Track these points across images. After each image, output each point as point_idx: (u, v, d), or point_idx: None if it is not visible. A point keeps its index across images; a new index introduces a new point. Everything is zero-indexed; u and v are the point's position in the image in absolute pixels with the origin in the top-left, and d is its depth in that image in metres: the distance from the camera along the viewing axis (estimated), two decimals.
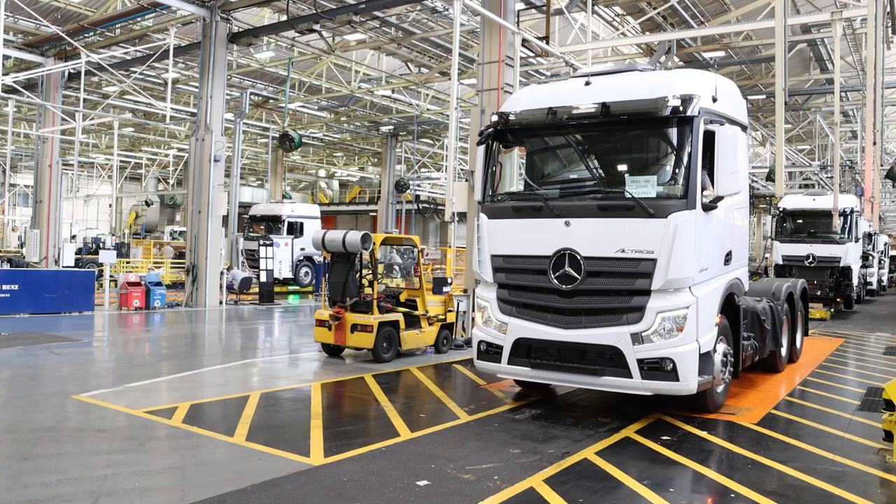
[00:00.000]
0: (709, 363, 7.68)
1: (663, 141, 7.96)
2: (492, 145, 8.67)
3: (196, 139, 20.67)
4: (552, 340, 7.90)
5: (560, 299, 7.85)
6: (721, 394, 8.35)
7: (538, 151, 9.05)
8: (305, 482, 5.69)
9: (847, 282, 21.58)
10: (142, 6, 20.80)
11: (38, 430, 7.14)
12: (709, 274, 7.81)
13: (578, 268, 7.69)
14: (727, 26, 21.36)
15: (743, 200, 9.10)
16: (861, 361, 12.95)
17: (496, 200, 8.62)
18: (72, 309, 17.54)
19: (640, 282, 7.45)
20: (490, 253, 8.43)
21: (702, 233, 7.59)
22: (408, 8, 21.21)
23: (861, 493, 5.65)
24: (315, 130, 41.21)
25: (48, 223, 25.82)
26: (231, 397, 8.89)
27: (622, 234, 7.52)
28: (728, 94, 8.67)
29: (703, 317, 7.57)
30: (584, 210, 7.81)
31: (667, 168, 7.81)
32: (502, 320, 8.27)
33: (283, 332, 16.59)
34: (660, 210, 7.38)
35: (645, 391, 7.59)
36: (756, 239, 57.06)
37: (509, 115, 8.52)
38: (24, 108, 34.70)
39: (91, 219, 55.58)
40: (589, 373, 7.75)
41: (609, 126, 8.04)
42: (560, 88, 8.98)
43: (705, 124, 7.66)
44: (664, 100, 7.52)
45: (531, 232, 8.12)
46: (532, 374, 8.20)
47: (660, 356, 7.38)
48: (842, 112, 29.98)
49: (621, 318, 7.55)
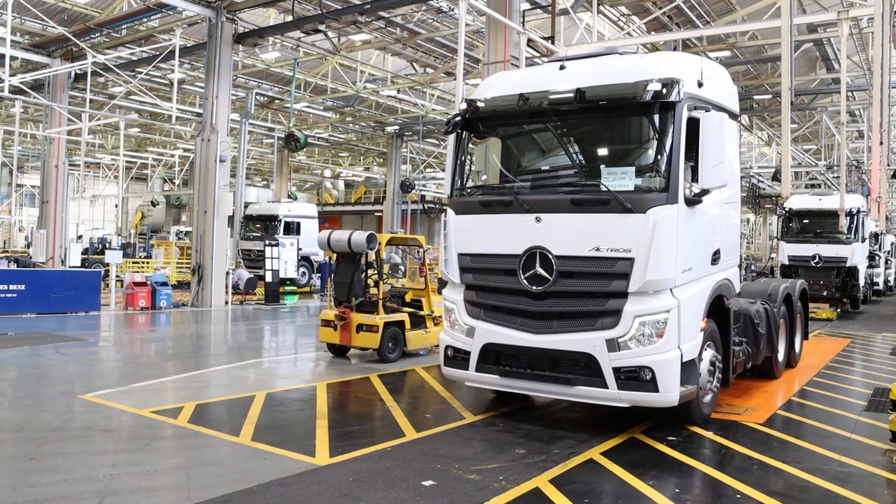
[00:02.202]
0: (693, 372, 7.14)
1: (643, 129, 7.42)
2: (461, 135, 8.13)
3: (202, 139, 20.70)
4: (522, 346, 7.35)
5: (530, 302, 7.33)
6: (708, 404, 7.79)
7: (509, 141, 8.40)
8: (311, 482, 5.69)
9: (853, 282, 21.50)
10: (148, 7, 20.86)
11: (44, 429, 7.17)
12: (693, 274, 7.24)
13: (550, 268, 7.15)
14: (733, 26, 21.32)
15: (733, 195, 8.56)
16: (867, 362, 12.90)
17: (464, 195, 8.09)
18: (78, 309, 17.58)
19: (616, 283, 6.92)
20: (457, 251, 7.90)
21: (684, 229, 7.03)
22: (413, 8, 21.22)
23: (868, 493, 5.63)
24: (320, 130, 41.24)
25: (54, 223, 25.89)
26: (236, 397, 8.91)
27: (597, 230, 6.98)
28: (716, 79, 8.06)
29: (687, 321, 7.02)
30: (556, 205, 7.27)
31: (646, 159, 7.27)
32: (470, 324, 7.74)
33: (288, 333, 16.60)
34: (638, 204, 6.83)
35: (622, 403, 7.03)
36: (762, 239, 56.95)
37: (478, 102, 7.91)
38: (30, 109, 34.81)
39: (97, 219, 55.75)
40: (561, 382, 7.20)
41: (584, 113, 7.44)
42: (533, 74, 8.52)
43: (689, 111, 7.08)
44: (643, 84, 6.91)
45: (500, 229, 7.58)
46: (501, 382, 7.65)
47: (638, 364, 6.84)
48: (848, 112, 29.82)
49: (596, 323, 7.01)
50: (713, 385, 7.77)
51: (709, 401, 7.77)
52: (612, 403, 7.08)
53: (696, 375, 7.24)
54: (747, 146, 39.44)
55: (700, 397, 7.49)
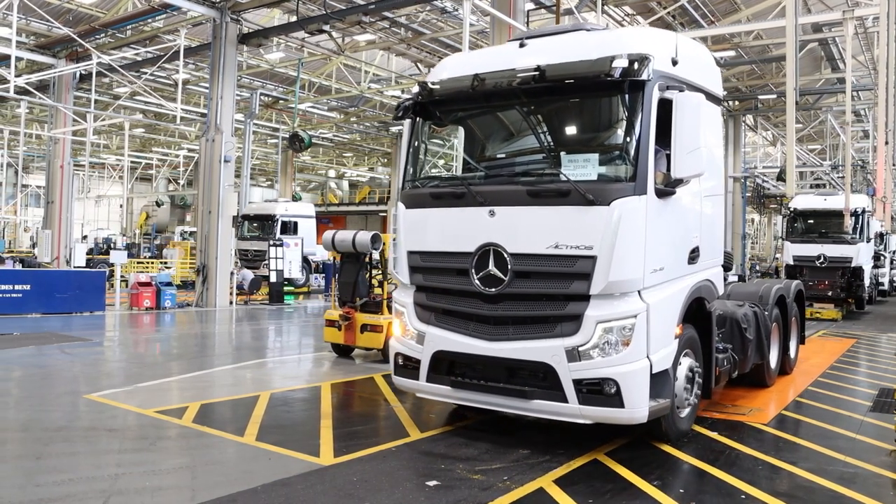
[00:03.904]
0: (665, 384, 6.45)
1: (609, 111, 6.74)
2: (416, 122, 7.45)
3: (206, 140, 20.75)
4: (476, 355, 6.65)
5: (484, 305, 6.62)
6: (686, 419, 7.11)
7: (464, 127, 7.70)
8: (315, 482, 5.70)
9: (858, 282, 21.45)
10: (152, 7, 20.93)
11: (49, 429, 7.19)
12: (665, 275, 6.52)
13: (505, 267, 6.45)
14: (737, 26, 21.32)
15: (715, 187, 7.73)
16: (872, 362, 12.87)
17: (415, 186, 7.38)
18: (83, 309, 17.62)
19: (576, 284, 6.20)
20: (406, 249, 7.22)
21: (655, 224, 6.30)
22: (417, 8, 21.24)
23: (873, 494, 5.62)
24: (325, 131, 41.31)
25: (60, 223, 25.97)
26: (241, 397, 8.92)
27: (556, 225, 6.27)
28: (694, 58, 7.30)
29: (658, 327, 6.31)
30: (511, 197, 6.53)
31: (612, 145, 6.62)
32: (420, 329, 7.04)
33: (292, 333, 16.62)
34: (601, 195, 6.11)
35: (583, 419, 6.32)
36: (767, 239, 56.86)
37: (431, 84, 7.22)
38: (35, 110, 34.93)
39: (102, 219, 55.90)
40: (517, 395, 6.50)
41: (544, 94, 6.73)
42: (491, 53, 7.92)
43: (661, 91, 6.35)
44: (608, 60, 6.17)
45: (452, 224, 6.88)
46: (453, 394, 6.94)
47: (600, 376, 6.13)
48: (853, 111, 29.83)
49: (555, 329, 6.30)
50: (691, 398, 7.10)
51: (687, 415, 7.12)
52: (572, 420, 6.40)
53: (670, 388, 6.56)
54: (752, 146, 39.38)
55: (675, 412, 6.85)
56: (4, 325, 14.64)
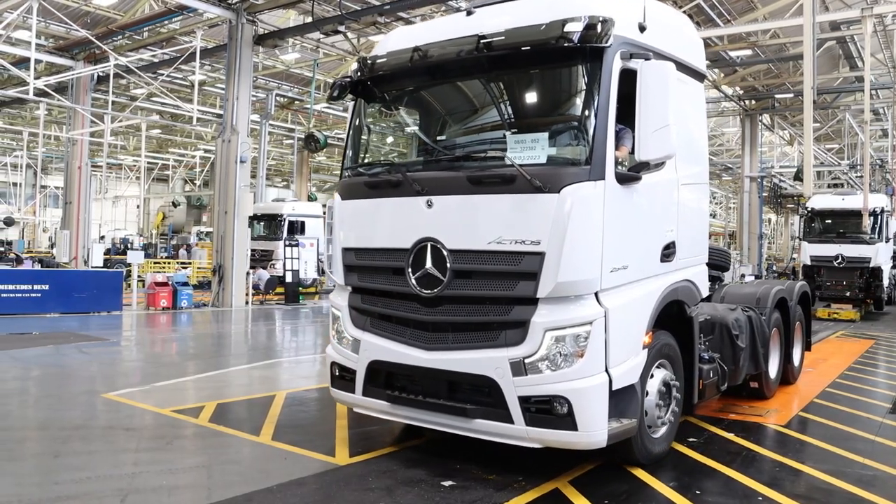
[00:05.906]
0: (630, 402, 5.60)
1: (562, 84, 5.96)
2: (357, 103, 6.71)
3: (222, 140, 20.86)
4: (413, 366, 5.86)
5: (422, 309, 5.83)
6: (662, 440, 6.20)
7: (406, 106, 6.95)
8: (331, 482, 5.71)
9: (877, 283, 21.28)
10: (169, 9, 21.07)
11: (67, 427, 7.25)
12: (630, 274, 5.68)
13: (443, 266, 5.64)
14: (754, 24, 21.18)
15: (698, 173, 6.91)
16: (892, 363, 12.75)
17: (352, 175, 6.63)
18: (100, 309, 17.78)
19: (522, 285, 5.37)
20: (341, 245, 6.48)
21: (615, 214, 5.46)
22: (432, 8, 21.23)
23: (893, 497, 5.55)
24: (340, 131, 41.38)
25: (77, 224, 26.18)
26: (257, 397, 8.96)
27: (500, 216, 5.46)
28: (667, 25, 6.49)
29: (620, 336, 5.47)
30: (450, 184, 5.71)
31: (564, 124, 5.79)
32: (355, 336, 6.29)
33: (308, 333, 16.68)
34: (550, 181, 5.25)
35: (531, 443, 5.47)
36: (784, 239, 56.43)
37: (368, 59, 6.43)
38: (54, 111, 35.26)
39: (119, 220, 56.30)
40: (458, 413, 5.68)
41: (490, 67, 5.90)
42: (436, 24, 7.16)
43: (623, 59, 5.51)
44: (560, 24, 5.26)
45: (387, 216, 6.12)
46: (391, 411, 6.12)
47: (550, 393, 5.29)
48: (872, 110, 29.52)
49: (498, 338, 5.48)
50: (666, 416, 6.24)
51: (662, 435, 6.22)
52: (519, 443, 5.52)
53: (636, 406, 5.68)
54: (769, 145, 39.09)
55: (645, 432, 5.97)
56: (24, 325, 14.80)
